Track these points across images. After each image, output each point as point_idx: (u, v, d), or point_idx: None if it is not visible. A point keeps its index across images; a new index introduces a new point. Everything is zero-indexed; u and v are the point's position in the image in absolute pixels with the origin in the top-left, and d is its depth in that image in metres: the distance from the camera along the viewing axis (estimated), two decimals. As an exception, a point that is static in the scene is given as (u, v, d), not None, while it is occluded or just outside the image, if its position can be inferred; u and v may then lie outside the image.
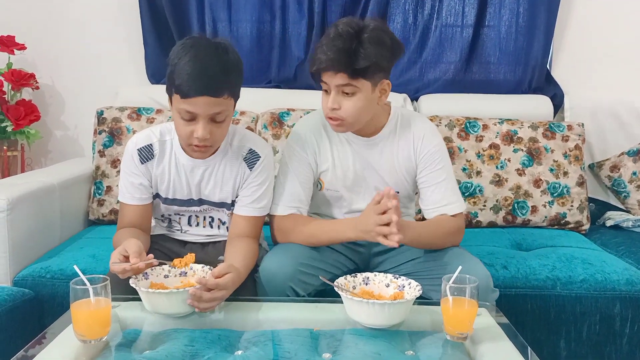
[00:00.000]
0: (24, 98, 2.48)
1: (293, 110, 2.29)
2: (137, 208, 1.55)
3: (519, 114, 2.39)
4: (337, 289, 1.28)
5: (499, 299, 1.48)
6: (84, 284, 1.14)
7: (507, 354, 1.17)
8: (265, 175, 1.55)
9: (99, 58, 2.57)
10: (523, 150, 2.26)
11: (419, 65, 2.56)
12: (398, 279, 1.36)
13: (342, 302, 1.29)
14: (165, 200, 1.58)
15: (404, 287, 1.33)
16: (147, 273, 1.34)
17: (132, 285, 1.27)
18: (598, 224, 2.37)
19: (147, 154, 1.52)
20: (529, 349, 1.18)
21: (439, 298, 1.22)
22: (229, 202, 1.57)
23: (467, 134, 2.28)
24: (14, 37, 2.42)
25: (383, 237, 1.36)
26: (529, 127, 2.30)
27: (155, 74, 2.54)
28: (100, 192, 2.20)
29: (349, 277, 1.37)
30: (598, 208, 2.46)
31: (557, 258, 1.88)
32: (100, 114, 2.27)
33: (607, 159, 2.43)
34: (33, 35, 2.51)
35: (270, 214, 1.59)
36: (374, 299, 1.26)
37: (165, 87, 1.44)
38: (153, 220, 1.68)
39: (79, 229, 2.17)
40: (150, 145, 1.53)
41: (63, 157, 2.61)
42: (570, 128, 2.31)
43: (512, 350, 1.18)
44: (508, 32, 2.53)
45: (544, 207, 2.23)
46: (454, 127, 2.28)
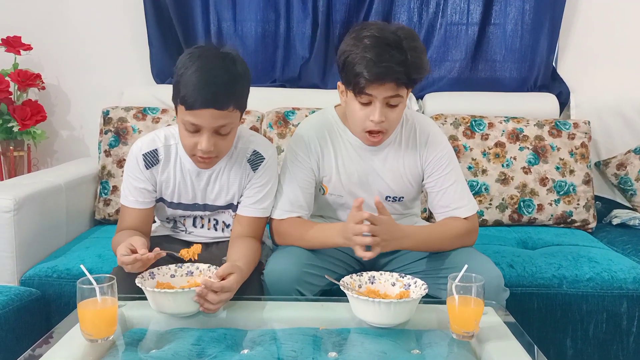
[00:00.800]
0: (30, 98, 2.49)
1: (298, 109, 2.29)
2: (138, 212, 1.54)
3: (525, 112, 2.38)
4: (342, 288, 1.28)
5: (507, 297, 1.47)
6: (91, 284, 1.15)
7: (513, 353, 1.16)
8: (269, 177, 1.54)
9: (105, 58, 2.58)
10: (529, 149, 2.25)
11: (424, 64, 2.56)
12: (404, 278, 1.35)
13: (347, 301, 1.29)
14: (170, 205, 1.57)
15: (410, 285, 1.33)
16: (153, 272, 1.34)
17: (138, 285, 1.27)
18: (604, 222, 2.36)
19: (152, 159, 1.51)
20: (536, 348, 1.18)
21: (445, 299, 1.22)
22: (235, 203, 1.57)
23: (472, 132, 2.27)
24: (20, 37, 2.43)
25: (360, 247, 1.35)
26: (535, 125, 2.29)
27: (161, 74, 2.54)
28: (107, 191, 2.20)
29: (355, 276, 1.36)
30: (604, 206, 2.45)
31: (563, 257, 1.87)
32: (106, 114, 2.28)
33: (613, 157, 2.42)
34: (39, 36, 2.52)
35: (270, 217, 1.58)
36: (380, 298, 1.26)
37: (172, 96, 1.42)
38: (157, 222, 1.68)
39: (85, 229, 2.18)
40: (156, 151, 1.51)
41: (69, 157, 2.62)
42: (577, 126, 2.30)
43: (518, 349, 1.17)
44: (514, 29, 2.52)
45: (550, 205, 2.22)
46: (460, 125, 2.28)
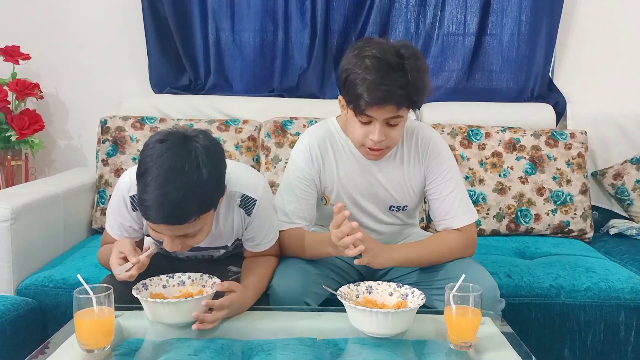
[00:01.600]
0: (28, 108, 2.49)
1: (296, 119, 2.30)
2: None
3: (522, 122, 2.39)
4: (340, 298, 1.28)
5: (503, 308, 1.47)
6: (88, 293, 1.15)
7: (511, 363, 1.16)
8: (266, 214, 1.45)
9: (103, 68, 2.58)
10: (526, 159, 2.26)
11: (422, 74, 2.57)
12: (401, 288, 1.35)
13: (345, 311, 1.29)
14: (161, 243, 1.47)
15: (407, 295, 1.33)
16: (146, 283, 1.34)
17: (134, 295, 1.27)
18: (602, 232, 2.37)
19: None
20: (533, 358, 1.18)
21: (443, 309, 1.22)
22: (230, 244, 1.52)
23: (469, 142, 2.28)
24: (19, 47, 2.44)
25: (347, 249, 1.34)
26: (532, 135, 2.30)
27: (159, 84, 2.55)
28: (104, 201, 2.20)
29: (352, 285, 1.36)
30: (602, 216, 2.45)
31: (560, 266, 1.87)
32: (104, 123, 2.28)
33: (610, 167, 2.43)
34: (37, 46, 2.53)
35: None
36: (377, 308, 1.26)
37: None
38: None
39: (83, 238, 2.18)
40: None
41: (67, 166, 2.61)
42: (573, 136, 2.31)
43: (516, 359, 1.17)
44: (510, 40, 2.53)
45: (547, 215, 2.22)
46: (457, 135, 2.29)
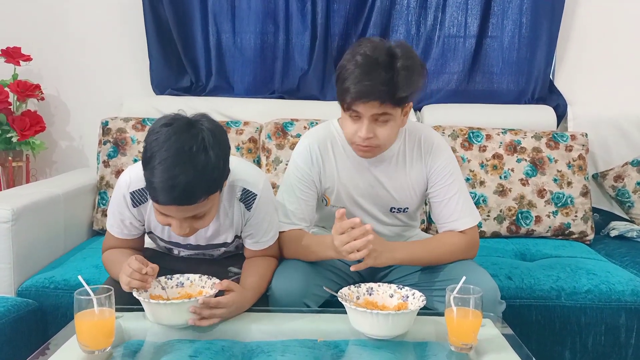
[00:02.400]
0: (30, 109, 2.49)
1: (297, 121, 2.30)
2: (125, 241, 1.48)
3: (522, 124, 2.39)
4: (340, 300, 1.28)
5: (504, 310, 1.47)
6: (88, 295, 1.15)
7: (511, 365, 1.16)
8: (265, 210, 1.46)
9: (104, 69, 2.59)
10: (527, 160, 2.26)
11: (422, 76, 2.57)
12: (402, 290, 1.35)
13: (346, 312, 1.29)
14: (162, 240, 1.52)
15: (408, 297, 1.33)
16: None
17: (135, 296, 1.27)
18: (602, 234, 2.37)
19: (139, 198, 1.41)
20: (534, 360, 1.18)
21: (443, 311, 1.22)
22: (230, 241, 1.52)
23: (470, 144, 2.28)
24: (20, 48, 2.44)
25: (351, 254, 1.34)
26: (533, 137, 2.30)
27: (160, 85, 2.55)
28: (105, 202, 2.20)
29: (353, 287, 1.36)
30: (602, 218, 2.45)
31: (561, 268, 1.87)
32: (105, 125, 2.28)
33: (610, 169, 2.43)
34: (39, 47, 2.53)
35: None
36: (378, 310, 1.26)
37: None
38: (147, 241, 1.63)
39: (83, 239, 2.18)
40: (143, 189, 1.37)
41: (68, 167, 2.62)
42: (574, 138, 2.31)
43: (516, 362, 1.17)
44: (511, 42, 2.53)
45: (548, 217, 2.22)
46: (457, 137, 2.29)
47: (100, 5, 2.55)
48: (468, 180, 2.24)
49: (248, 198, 1.43)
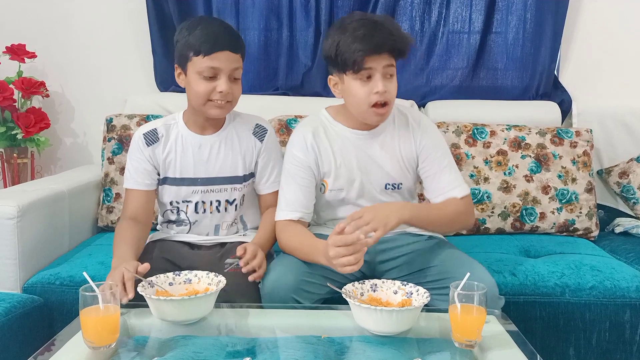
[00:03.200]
0: (34, 106, 2.50)
1: (300, 117, 2.30)
2: (141, 195, 1.61)
3: (527, 120, 2.38)
4: (344, 296, 1.28)
5: (508, 306, 1.47)
6: (93, 291, 1.15)
7: (515, 362, 1.16)
8: (274, 145, 1.70)
9: (108, 66, 2.59)
10: (531, 157, 2.25)
11: (426, 72, 2.57)
12: (406, 286, 1.35)
13: (349, 309, 1.29)
14: (174, 181, 1.62)
15: (412, 294, 1.33)
16: (152, 281, 1.35)
17: (140, 292, 1.28)
18: (607, 231, 2.36)
19: (152, 137, 1.62)
20: (538, 357, 1.18)
21: (446, 308, 1.22)
22: (240, 174, 1.63)
23: (474, 140, 2.27)
24: (25, 45, 2.45)
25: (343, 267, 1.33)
26: (537, 133, 2.29)
27: (164, 82, 2.55)
28: (109, 199, 2.21)
29: (357, 283, 1.36)
30: (607, 214, 2.44)
31: (565, 265, 1.87)
32: (110, 122, 2.29)
33: (615, 165, 2.42)
34: (43, 44, 2.54)
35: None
36: (382, 306, 1.26)
37: (177, 60, 1.57)
38: (159, 225, 1.70)
39: (88, 236, 2.18)
40: (155, 130, 1.63)
41: (72, 164, 2.63)
42: (579, 134, 2.30)
43: (521, 358, 1.17)
44: (515, 38, 2.52)
45: (553, 213, 2.22)
46: (462, 133, 2.28)
47: (105, 3, 2.55)
48: (472, 177, 2.23)
49: (261, 131, 1.68)
